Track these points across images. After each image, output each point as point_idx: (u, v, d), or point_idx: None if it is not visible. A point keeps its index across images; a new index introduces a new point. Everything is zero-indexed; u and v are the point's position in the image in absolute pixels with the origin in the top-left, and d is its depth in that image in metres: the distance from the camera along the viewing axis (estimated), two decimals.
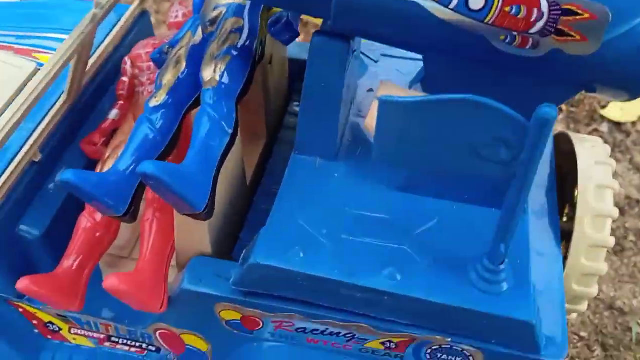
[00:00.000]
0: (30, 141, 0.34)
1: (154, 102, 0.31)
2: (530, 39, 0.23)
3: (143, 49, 0.38)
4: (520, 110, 0.22)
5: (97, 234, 0.33)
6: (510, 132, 0.22)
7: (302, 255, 0.27)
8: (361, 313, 0.28)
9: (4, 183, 0.33)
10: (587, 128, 0.66)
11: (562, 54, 0.23)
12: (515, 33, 0.23)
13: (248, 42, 0.32)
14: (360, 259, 0.27)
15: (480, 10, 0.22)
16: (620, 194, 0.61)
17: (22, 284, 0.31)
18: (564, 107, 0.67)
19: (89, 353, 0.38)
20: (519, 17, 0.22)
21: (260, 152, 0.39)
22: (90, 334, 0.37)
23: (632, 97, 0.25)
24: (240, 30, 0.32)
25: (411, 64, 0.36)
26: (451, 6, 0.22)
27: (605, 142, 0.62)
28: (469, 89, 0.23)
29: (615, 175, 0.58)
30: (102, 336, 0.37)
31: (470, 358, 0.28)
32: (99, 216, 0.33)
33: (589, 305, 0.41)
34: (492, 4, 0.22)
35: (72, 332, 0.37)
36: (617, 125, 0.66)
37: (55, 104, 0.36)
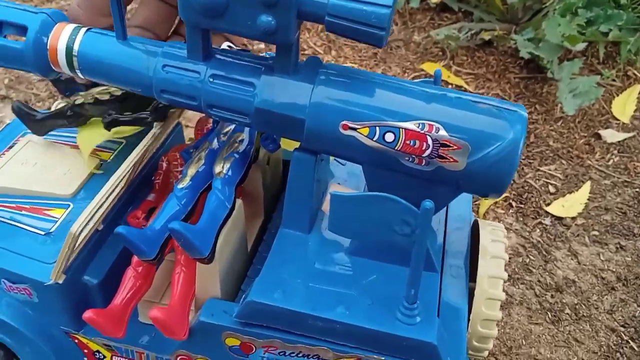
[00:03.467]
0: (97, 216, 0.48)
1: (180, 185, 0.46)
2: (424, 160, 0.37)
3: (176, 151, 0.53)
4: (419, 199, 0.36)
5: (138, 282, 0.47)
6: (409, 216, 0.36)
7: (282, 296, 0.40)
8: (322, 339, 0.40)
9: (79, 245, 0.46)
10: (533, 221, 0.80)
11: (444, 169, 0.37)
12: (414, 156, 0.37)
13: (246, 149, 0.47)
14: (322, 299, 0.40)
15: (392, 142, 0.37)
16: (559, 275, 0.73)
17: (88, 314, 0.44)
18: (514, 204, 0.81)
19: None
20: (415, 146, 0.37)
21: (259, 227, 0.53)
22: None
23: (496, 196, 0.39)
24: (242, 141, 0.47)
25: None
26: (375, 139, 0.37)
27: (548, 233, 0.76)
28: (391, 187, 0.37)
29: (554, 260, 0.71)
30: None
31: None
32: (140, 270, 0.47)
33: None
34: (399, 138, 0.37)
35: (114, 359, 0.50)
36: (559, 219, 0.80)
37: (115, 189, 0.50)
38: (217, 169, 0.46)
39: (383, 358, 0.40)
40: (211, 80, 0.39)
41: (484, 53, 1.08)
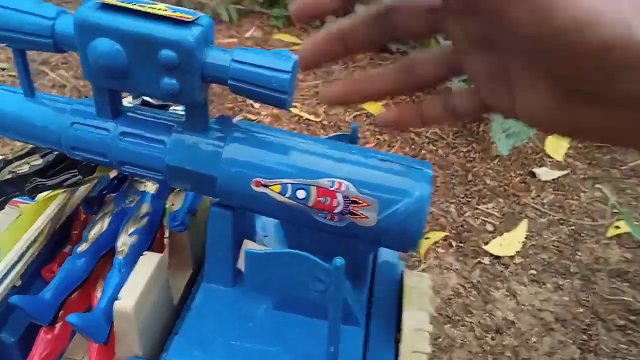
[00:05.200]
0: (15, 271, 0.46)
1: (79, 249, 0.46)
2: (336, 216, 0.37)
3: None
4: (338, 254, 0.35)
5: (52, 343, 0.45)
6: (321, 272, 0.35)
7: (202, 354, 0.39)
8: None
9: None
10: (472, 260, 0.81)
11: (356, 225, 0.37)
12: (326, 212, 0.37)
13: (151, 223, 0.47)
14: (242, 356, 0.39)
15: (303, 198, 0.37)
16: (499, 316, 0.74)
17: None
18: (453, 243, 0.82)
19: None
20: (326, 203, 0.37)
21: (187, 281, 0.52)
22: None
23: (411, 250, 0.39)
24: (147, 215, 0.47)
25: None
26: (287, 195, 0.37)
27: (488, 272, 0.77)
28: (309, 242, 0.37)
29: (494, 300, 0.71)
30: None
31: None
32: (54, 329, 0.45)
33: None
34: (310, 195, 0.37)
35: None
36: (497, 258, 0.81)
37: (33, 244, 0.49)
38: (120, 245, 0.46)
39: None
40: (121, 137, 0.39)
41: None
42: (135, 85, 0.35)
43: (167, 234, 0.53)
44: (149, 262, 0.45)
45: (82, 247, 0.46)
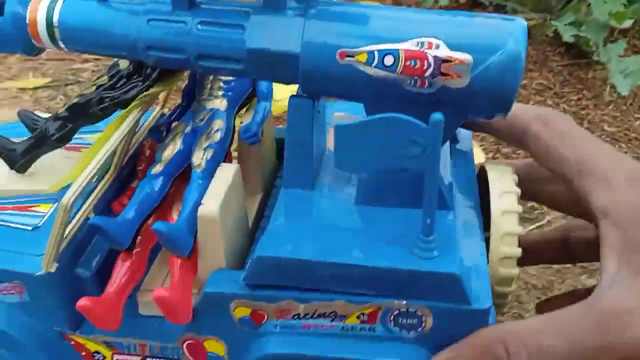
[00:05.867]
0: (86, 204, 0.45)
1: (154, 171, 0.45)
2: (426, 80, 0.36)
3: None
4: None
5: (131, 270, 0.44)
6: (418, 134, 0.34)
7: (292, 247, 0.37)
8: (338, 290, 0.37)
9: (68, 236, 0.43)
10: None
11: (447, 87, 0.36)
12: (416, 77, 0.36)
13: (224, 138, 0.46)
14: (335, 246, 0.37)
15: (391, 65, 0.36)
16: None
17: (81, 302, 0.40)
18: None
19: None
20: (416, 67, 0.35)
21: (258, 203, 0.51)
22: (130, 358, 0.45)
23: (502, 116, 0.37)
24: (220, 130, 0.46)
25: None
26: (374, 65, 0.36)
27: None
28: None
29: None
30: (139, 359, 0.45)
31: (422, 317, 0.37)
32: (132, 257, 0.44)
33: None
34: (398, 61, 0.35)
35: (115, 358, 0.45)
36: None
37: (105, 175, 0.48)
38: (196, 160, 0.45)
39: (405, 302, 0.37)
40: (199, 27, 0.38)
41: None
42: None
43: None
44: (227, 171, 0.44)
45: (157, 168, 0.45)
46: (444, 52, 0.35)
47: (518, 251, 0.40)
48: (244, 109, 0.51)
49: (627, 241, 0.36)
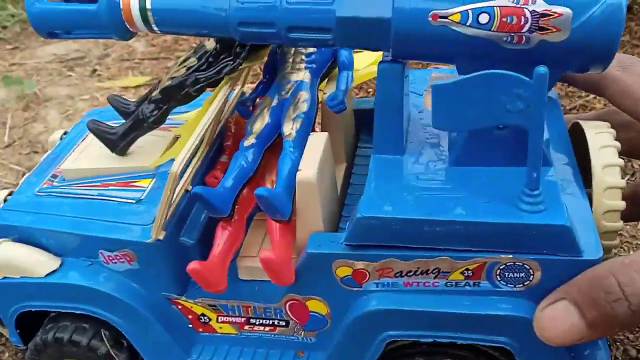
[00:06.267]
0: (185, 176, 0.48)
1: (246, 143, 0.47)
2: (523, 36, 0.36)
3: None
4: None
5: (231, 235, 0.46)
6: (522, 88, 0.34)
7: (393, 207, 0.39)
8: (442, 247, 0.38)
9: (171, 206, 0.45)
10: None
11: (546, 42, 0.36)
12: (512, 34, 0.36)
13: (311, 108, 0.48)
14: (436, 204, 0.38)
15: (486, 23, 0.36)
16: None
17: (192, 265, 0.43)
18: None
19: (230, 341, 0.49)
20: (512, 23, 0.35)
21: (343, 172, 0.52)
22: (233, 319, 0.48)
23: (601, 67, 0.37)
24: (307, 100, 0.47)
25: None
26: (468, 24, 0.36)
27: None
28: None
29: None
30: (242, 320, 0.48)
31: (530, 270, 0.38)
32: (230, 225, 0.46)
33: None
34: (494, 18, 0.35)
35: (219, 320, 0.48)
36: None
37: (197, 151, 0.50)
38: (287, 130, 0.46)
39: (511, 256, 0.37)
40: (288, 1, 0.39)
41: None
42: None
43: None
44: (318, 139, 0.45)
45: (249, 140, 0.47)
46: (541, 5, 0.35)
47: (622, 204, 0.40)
48: (325, 80, 0.52)
49: None
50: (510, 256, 0.37)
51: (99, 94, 1.02)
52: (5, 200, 0.54)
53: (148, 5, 0.42)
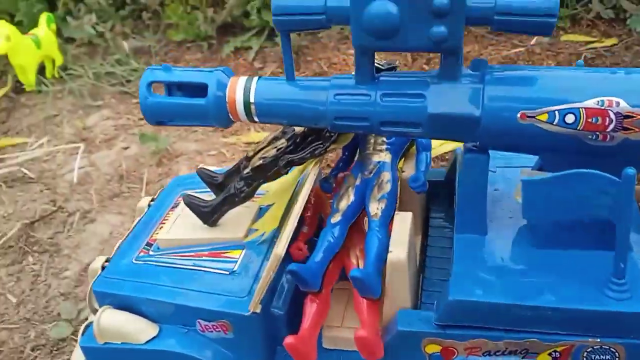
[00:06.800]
0: (281, 246, 0.51)
1: (333, 220, 0.50)
2: (608, 135, 0.38)
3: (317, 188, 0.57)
4: None
5: (320, 308, 0.49)
6: (609, 186, 0.36)
7: (483, 291, 0.41)
8: (532, 330, 0.41)
9: (267, 279, 0.49)
10: None
11: (629, 140, 0.38)
12: (597, 133, 0.38)
13: (393, 188, 0.51)
14: (525, 289, 0.41)
15: (572, 122, 0.39)
16: None
17: (289, 339, 0.46)
18: None
19: None
20: (598, 123, 0.38)
21: (419, 244, 0.55)
22: None
23: None
24: (389, 181, 0.51)
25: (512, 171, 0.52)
26: (555, 123, 0.39)
27: None
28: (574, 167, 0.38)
29: None
30: None
31: (616, 354, 0.39)
32: (318, 298, 0.49)
33: None
34: (579, 119, 0.38)
35: None
36: None
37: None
38: (373, 210, 0.50)
39: (599, 339, 0.39)
40: (382, 98, 0.43)
41: None
42: (404, 40, 0.39)
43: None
44: (405, 219, 0.48)
45: (335, 217, 0.50)
46: (625, 108, 0.37)
47: None
48: (402, 159, 0.55)
49: None
50: (598, 340, 0.39)
51: (225, 149, 1.07)
52: (103, 268, 0.58)
53: (252, 99, 0.46)
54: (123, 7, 1.55)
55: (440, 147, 0.47)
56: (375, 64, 0.49)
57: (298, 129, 0.52)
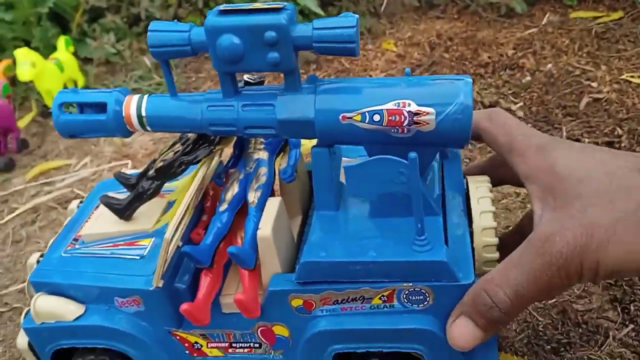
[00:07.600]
0: (177, 235, 0.62)
1: (221, 209, 0.62)
2: (405, 128, 0.51)
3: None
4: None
5: (212, 281, 0.60)
6: (402, 167, 0.49)
7: (326, 253, 0.53)
8: (364, 280, 0.53)
9: (167, 262, 0.60)
10: None
11: (420, 132, 0.51)
12: (397, 127, 0.51)
13: (269, 180, 0.63)
14: (356, 249, 0.53)
15: (379, 120, 0.51)
16: None
17: (183, 306, 0.57)
18: None
19: None
20: (396, 120, 0.51)
21: (300, 224, 0.67)
22: (220, 344, 0.62)
23: (460, 147, 0.52)
24: (265, 174, 0.62)
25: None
26: (366, 122, 0.51)
27: None
28: (386, 154, 0.51)
29: None
30: (226, 344, 0.62)
31: (426, 294, 0.52)
32: (211, 272, 0.61)
33: None
34: (383, 117, 0.51)
35: (209, 346, 0.62)
36: None
37: (186, 210, 0.65)
38: (250, 198, 0.61)
39: (411, 284, 0.52)
40: (243, 108, 0.54)
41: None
42: (249, 64, 0.51)
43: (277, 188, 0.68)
44: (273, 203, 0.60)
45: (223, 206, 0.62)
46: (414, 108, 0.50)
47: (495, 240, 0.55)
48: (280, 155, 0.67)
49: (542, 191, 0.50)
50: (410, 284, 0.52)
51: None
52: (38, 262, 0.68)
53: (143, 113, 0.57)
54: (137, 23, 1.57)
55: (310, 144, 0.58)
56: (247, 78, 0.61)
57: (191, 135, 0.64)
